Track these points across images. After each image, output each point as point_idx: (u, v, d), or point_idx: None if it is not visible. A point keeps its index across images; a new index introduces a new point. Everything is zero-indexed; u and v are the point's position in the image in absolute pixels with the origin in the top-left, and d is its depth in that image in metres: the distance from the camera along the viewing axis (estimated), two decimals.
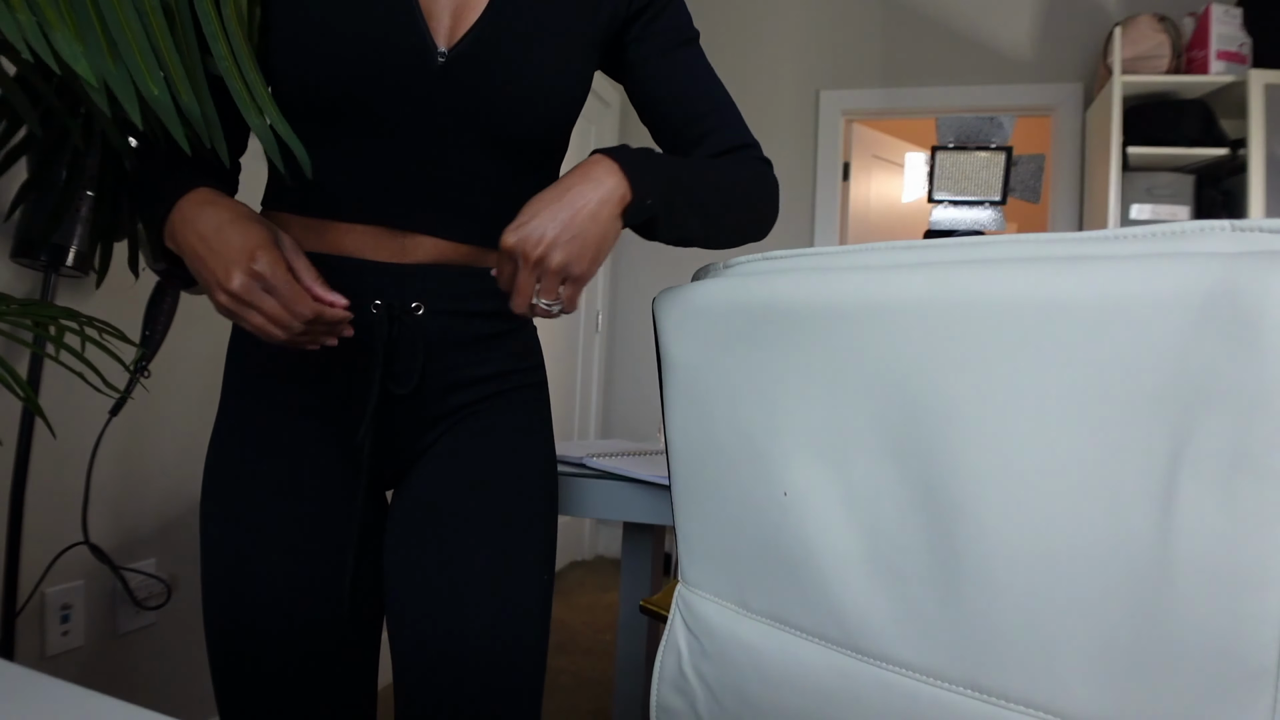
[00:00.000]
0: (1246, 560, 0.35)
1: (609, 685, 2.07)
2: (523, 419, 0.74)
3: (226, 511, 0.68)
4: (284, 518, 0.68)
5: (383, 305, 0.67)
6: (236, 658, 0.67)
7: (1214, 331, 0.35)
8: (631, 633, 1.43)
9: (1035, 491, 0.41)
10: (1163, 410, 0.37)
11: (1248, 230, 0.37)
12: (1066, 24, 2.85)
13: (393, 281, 0.67)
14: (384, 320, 0.66)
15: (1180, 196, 2.41)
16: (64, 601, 1.28)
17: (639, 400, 3.29)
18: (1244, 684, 0.35)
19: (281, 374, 0.69)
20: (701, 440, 0.60)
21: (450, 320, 0.69)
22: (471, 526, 0.69)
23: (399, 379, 0.68)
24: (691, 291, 0.61)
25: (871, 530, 0.49)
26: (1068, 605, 0.40)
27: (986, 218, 1.62)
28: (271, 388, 0.70)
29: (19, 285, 1.19)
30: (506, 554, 0.69)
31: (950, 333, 0.44)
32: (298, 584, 0.67)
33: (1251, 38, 2.37)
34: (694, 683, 0.63)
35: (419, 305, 0.67)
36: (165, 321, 1.18)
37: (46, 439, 1.23)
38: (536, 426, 0.76)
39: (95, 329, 0.69)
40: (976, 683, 0.44)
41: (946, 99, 2.97)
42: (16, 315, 0.64)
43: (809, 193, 3.12)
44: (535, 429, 0.75)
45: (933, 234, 1.65)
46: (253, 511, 0.67)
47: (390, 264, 0.67)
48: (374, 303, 0.67)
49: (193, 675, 1.52)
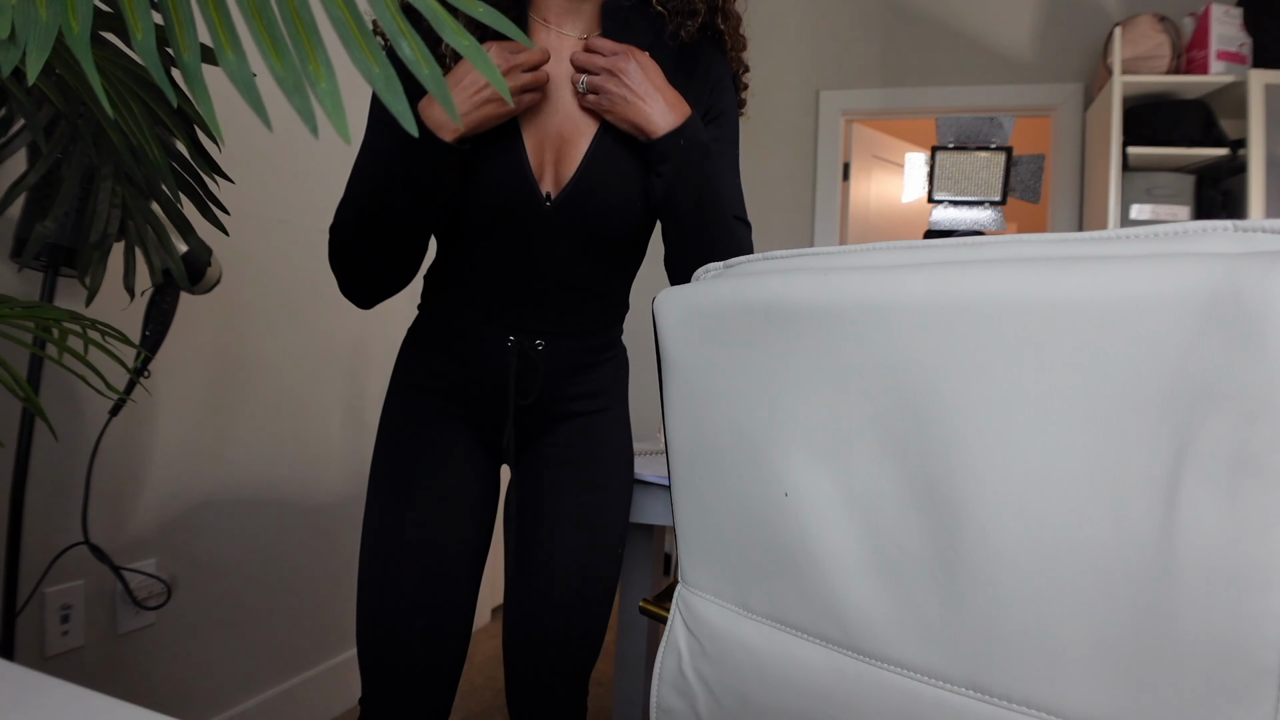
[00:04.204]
0: (1249, 561, 0.34)
1: (609, 685, 2.07)
2: (615, 421, 1.00)
3: (392, 474, 0.93)
4: (436, 484, 0.92)
5: (515, 341, 0.92)
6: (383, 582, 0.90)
7: (1217, 332, 0.35)
8: (631, 633, 1.43)
9: (1037, 492, 0.41)
10: (1165, 411, 0.37)
11: (1250, 230, 0.37)
12: (1066, 24, 2.85)
13: (522, 329, 0.92)
14: (514, 352, 0.92)
15: (1180, 197, 2.41)
16: (64, 601, 1.28)
17: (639, 400, 3.28)
18: (1246, 684, 0.35)
19: (438, 389, 0.94)
20: (701, 440, 0.60)
21: (561, 353, 0.94)
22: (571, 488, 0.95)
23: (524, 394, 0.93)
24: (691, 291, 0.61)
25: (872, 531, 0.49)
26: (1069, 606, 0.40)
27: (986, 218, 1.62)
28: (430, 388, 0.95)
29: (19, 285, 1.19)
30: (596, 510, 0.95)
31: (951, 333, 0.44)
32: (440, 533, 0.91)
33: (1251, 38, 2.37)
34: (694, 683, 0.63)
35: (541, 343, 0.92)
36: (165, 321, 1.18)
37: (46, 439, 1.23)
38: (624, 430, 1.02)
39: (98, 331, 0.69)
40: (978, 683, 0.44)
41: (946, 99, 2.97)
42: (19, 317, 0.64)
43: (809, 193, 3.12)
44: (623, 432, 1.01)
45: (933, 234, 1.65)
46: (414, 476, 0.92)
47: (521, 317, 0.92)
48: (509, 339, 0.91)
49: (193, 675, 1.52)
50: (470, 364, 0.93)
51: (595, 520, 0.95)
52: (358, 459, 1.93)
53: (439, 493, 0.92)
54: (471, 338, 0.92)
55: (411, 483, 0.92)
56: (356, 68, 0.36)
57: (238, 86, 0.36)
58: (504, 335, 0.92)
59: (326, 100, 0.35)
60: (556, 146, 0.88)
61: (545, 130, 0.88)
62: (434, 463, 0.93)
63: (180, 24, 0.38)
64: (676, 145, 0.84)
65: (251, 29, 0.38)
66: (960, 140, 1.61)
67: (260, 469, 1.66)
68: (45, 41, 0.37)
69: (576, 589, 0.93)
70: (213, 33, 0.37)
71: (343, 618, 1.91)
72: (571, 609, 0.93)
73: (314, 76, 0.36)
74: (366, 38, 0.37)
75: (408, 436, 0.94)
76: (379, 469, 0.95)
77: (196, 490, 1.52)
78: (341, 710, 1.90)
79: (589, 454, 0.97)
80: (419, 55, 0.36)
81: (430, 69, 0.36)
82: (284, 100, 1.61)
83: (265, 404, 1.67)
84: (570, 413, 0.97)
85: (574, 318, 0.95)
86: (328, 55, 0.37)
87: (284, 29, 0.38)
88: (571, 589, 0.93)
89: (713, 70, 0.95)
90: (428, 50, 0.37)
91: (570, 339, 0.95)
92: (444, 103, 0.35)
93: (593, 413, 0.98)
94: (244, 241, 1.55)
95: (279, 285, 1.68)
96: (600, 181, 0.88)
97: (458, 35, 0.37)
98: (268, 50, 0.36)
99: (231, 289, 1.55)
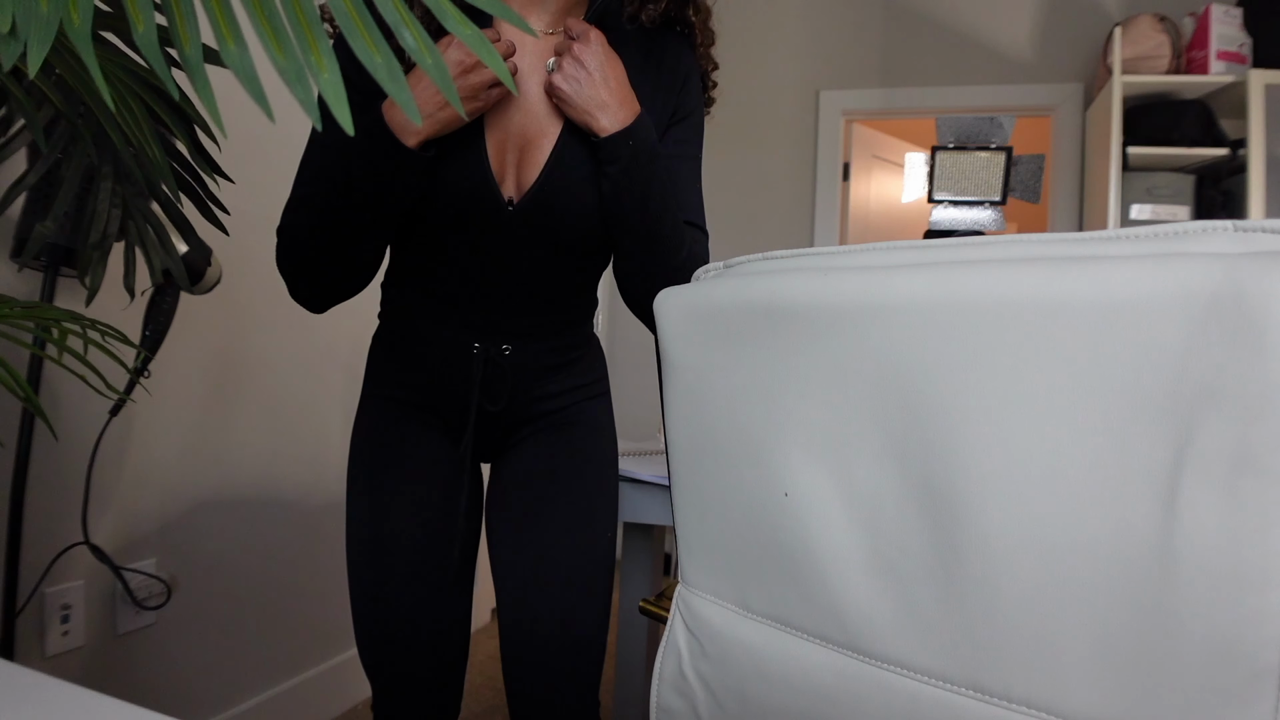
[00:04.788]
0: (1249, 561, 0.34)
1: (609, 685, 2.07)
2: (592, 418, 0.98)
3: (368, 483, 0.91)
4: (410, 489, 0.91)
5: (480, 348, 0.89)
6: (373, 590, 0.89)
7: (1217, 332, 0.35)
8: (631, 633, 1.43)
9: (1037, 492, 0.41)
10: (1165, 411, 0.37)
11: (1251, 231, 0.37)
12: (1066, 24, 2.85)
13: (488, 334, 0.90)
14: (480, 359, 0.89)
15: (1180, 196, 2.41)
16: (64, 601, 1.28)
17: (639, 400, 3.29)
18: (1247, 684, 0.35)
19: (409, 398, 0.93)
20: (702, 440, 0.60)
21: (529, 356, 0.91)
22: (555, 487, 0.93)
23: (493, 400, 0.91)
24: (692, 291, 0.61)
25: (873, 531, 0.49)
26: (1070, 606, 0.40)
27: (986, 218, 1.62)
28: (401, 399, 0.93)
29: (19, 285, 1.19)
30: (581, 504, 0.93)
31: (951, 333, 0.44)
32: (421, 537, 0.90)
33: (1251, 38, 2.37)
34: (694, 684, 0.63)
35: (508, 348, 0.90)
36: (165, 321, 1.18)
37: (46, 439, 1.23)
38: (604, 424, 0.99)
39: (98, 331, 0.69)
40: (978, 683, 0.44)
41: (946, 99, 2.97)
42: (19, 317, 0.64)
43: (809, 193, 3.12)
44: (603, 426, 0.99)
45: (933, 234, 1.65)
46: (388, 483, 0.91)
47: (486, 322, 0.89)
48: (474, 345, 0.89)
49: (193, 675, 1.52)
50: (435, 372, 0.91)
51: (581, 516, 0.93)
52: None
53: (417, 499, 0.90)
54: (435, 344, 0.90)
55: (388, 491, 0.90)
56: (358, 57, 0.36)
57: (240, 78, 0.35)
58: (469, 341, 0.89)
59: (329, 91, 0.35)
60: (519, 147, 0.84)
61: (507, 129, 0.84)
62: (408, 469, 0.91)
63: (181, 17, 0.38)
64: (625, 145, 0.80)
65: (253, 19, 0.37)
66: (960, 140, 1.61)
67: (260, 469, 1.66)
68: (46, 35, 0.37)
69: (568, 591, 0.90)
70: (214, 24, 0.37)
71: (343, 618, 1.91)
72: (565, 612, 0.90)
73: (316, 67, 0.36)
74: (368, 26, 0.37)
75: (380, 445, 0.92)
76: (355, 480, 0.93)
77: (196, 490, 1.52)
78: (341, 710, 1.90)
79: (570, 449, 0.94)
80: (421, 44, 0.36)
81: (433, 58, 0.36)
82: (285, 97, 1.61)
83: (265, 404, 1.67)
84: (547, 410, 0.95)
85: (542, 320, 0.92)
86: (330, 46, 0.37)
87: (285, 19, 0.38)
88: (563, 592, 0.90)
89: (682, 65, 0.91)
90: (430, 39, 0.37)
91: (538, 341, 0.92)
92: (448, 94, 0.35)
93: (571, 406, 0.96)
94: (244, 241, 1.55)
95: (279, 285, 1.68)
96: (563, 186, 0.84)
97: (460, 24, 0.37)
98: (269, 41, 0.36)
99: (231, 289, 1.55)
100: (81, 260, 0.76)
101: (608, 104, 0.80)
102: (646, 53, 0.89)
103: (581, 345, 0.97)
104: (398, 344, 0.93)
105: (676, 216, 0.86)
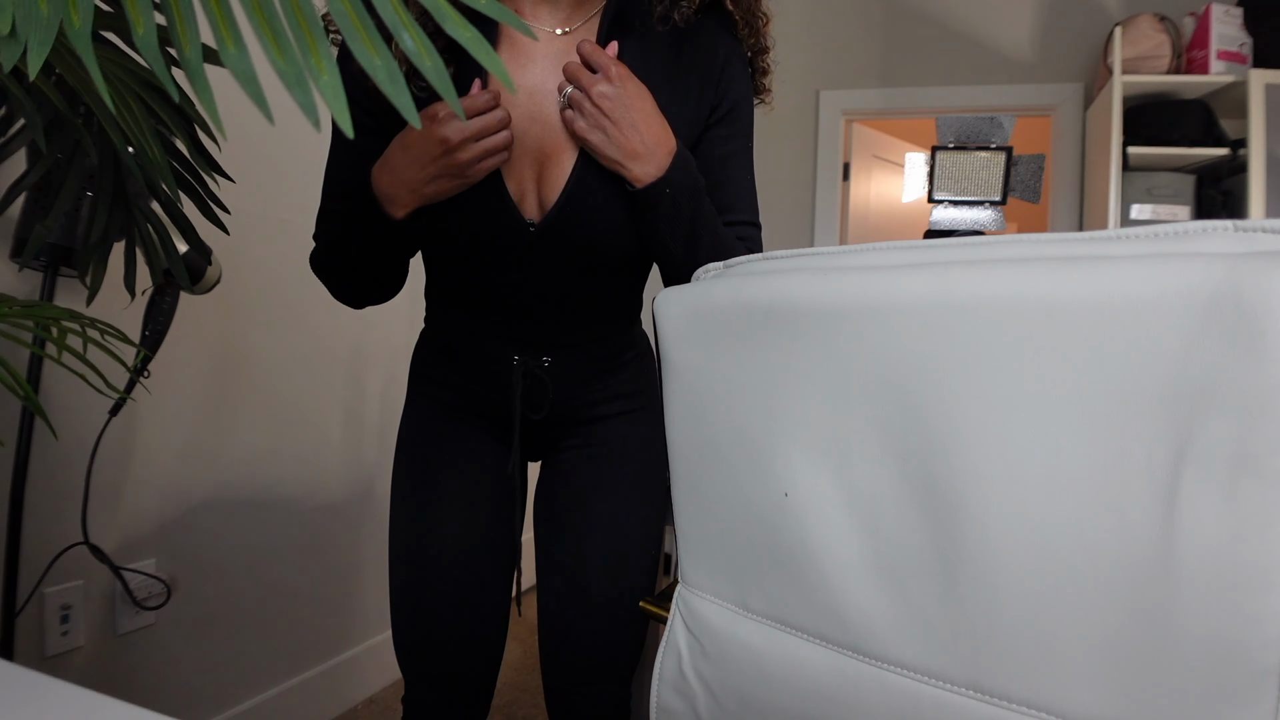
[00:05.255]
0: (1249, 561, 0.34)
1: None
2: (645, 431, 0.96)
3: (415, 480, 0.92)
4: (458, 488, 0.91)
5: (520, 360, 0.88)
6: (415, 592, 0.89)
7: (1217, 332, 0.35)
8: None
9: (1037, 492, 0.41)
10: (1165, 411, 0.37)
11: (1251, 231, 0.37)
12: (1066, 24, 2.85)
13: (526, 347, 0.89)
14: (520, 371, 0.88)
15: (1180, 196, 2.41)
16: (64, 602, 1.28)
17: None
18: (1247, 684, 0.35)
19: (453, 402, 0.93)
20: (701, 440, 0.60)
21: (570, 367, 0.90)
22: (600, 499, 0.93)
23: (535, 409, 0.91)
24: (692, 292, 0.61)
25: (872, 531, 0.49)
26: (1070, 606, 0.40)
27: (986, 218, 1.62)
28: (447, 401, 0.93)
29: (19, 285, 1.19)
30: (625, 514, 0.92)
31: (951, 333, 0.44)
32: (465, 537, 0.90)
33: (1251, 38, 2.37)
34: (694, 684, 0.63)
35: (547, 359, 0.89)
36: (165, 321, 1.18)
37: (46, 439, 1.23)
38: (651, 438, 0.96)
39: (98, 330, 0.69)
40: (978, 684, 0.44)
41: (946, 99, 2.97)
42: (19, 317, 0.64)
43: (809, 193, 3.12)
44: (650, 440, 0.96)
45: (933, 234, 1.65)
46: (435, 481, 0.91)
47: (523, 336, 0.88)
48: (514, 358, 0.88)
49: (192, 675, 1.52)
50: (478, 380, 0.91)
51: (625, 524, 0.92)
52: (357, 459, 1.93)
53: (463, 498, 0.91)
54: (477, 356, 0.90)
55: (434, 490, 0.91)
56: (358, 60, 0.35)
57: (239, 80, 0.35)
58: (509, 353, 0.88)
59: (328, 93, 0.35)
60: (538, 164, 0.79)
61: (524, 145, 0.78)
62: (455, 469, 0.92)
63: (181, 19, 0.38)
64: (663, 193, 0.76)
65: (252, 22, 0.37)
66: (960, 140, 1.61)
67: (260, 469, 1.66)
68: (46, 37, 0.37)
69: (609, 595, 0.91)
70: (214, 26, 0.37)
71: (343, 618, 1.91)
72: (604, 616, 0.91)
73: (315, 70, 0.36)
74: (368, 29, 0.37)
75: (426, 443, 0.93)
76: (400, 478, 0.93)
77: (196, 490, 1.52)
78: (341, 710, 1.90)
79: (618, 457, 0.94)
80: (421, 47, 0.36)
81: (432, 61, 0.36)
82: (284, 98, 1.61)
83: (265, 404, 1.67)
84: (597, 416, 0.94)
85: (581, 332, 0.90)
86: (329, 49, 0.37)
87: (285, 22, 0.37)
88: (603, 596, 0.91)
89: (719, 52, 0.84)
90: (429, 42, 0.37)
91: (580, 350, 0.90)
92: (447, 97, 0.34)
93: (621, 414, 0.95)
94: (244, 241, 1.55)
95: (279, 285, 1.68)
96: (587, 204, 0.79)
97: (460, 28, 0.36)
98: (269, 43, 0.36)
99: (231, 289, 1.55)
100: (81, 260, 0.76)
101: (639, 153, 0.74)
102: (678, 45, 0.82)
103: (627, 348, 0.95)
104: (441, 352, 0.94)
105: (723, 240, 0.83)
